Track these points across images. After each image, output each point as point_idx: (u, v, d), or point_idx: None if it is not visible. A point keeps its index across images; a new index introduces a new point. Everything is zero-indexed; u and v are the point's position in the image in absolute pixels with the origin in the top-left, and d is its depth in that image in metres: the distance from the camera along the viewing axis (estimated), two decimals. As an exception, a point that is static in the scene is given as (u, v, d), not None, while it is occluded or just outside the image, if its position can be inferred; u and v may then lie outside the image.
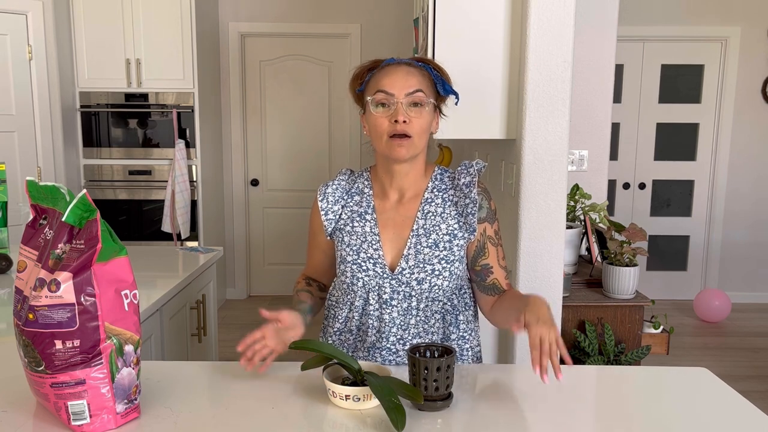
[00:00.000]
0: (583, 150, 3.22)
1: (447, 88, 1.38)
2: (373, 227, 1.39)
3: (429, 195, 1.40)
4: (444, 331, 1.42)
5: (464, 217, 1.38)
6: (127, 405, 1.08)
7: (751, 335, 4.38)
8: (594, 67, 3.15)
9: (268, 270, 5.13)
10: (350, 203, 1.43)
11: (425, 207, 1.39)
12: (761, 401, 3.30)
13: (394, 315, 1.37)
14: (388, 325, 1.37)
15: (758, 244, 5.06)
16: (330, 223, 1.43)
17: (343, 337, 1.44)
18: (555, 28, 2.05)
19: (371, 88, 1.35)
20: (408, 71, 1.33)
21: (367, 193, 1.43)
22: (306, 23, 4.79)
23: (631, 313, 2.51)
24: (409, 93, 1.30)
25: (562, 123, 2.09)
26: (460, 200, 1.39)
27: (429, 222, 1.38)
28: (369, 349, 1.39)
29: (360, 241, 1.39)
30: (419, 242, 1.37)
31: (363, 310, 1.40)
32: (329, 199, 1.44)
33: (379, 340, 1.38)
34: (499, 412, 1.17)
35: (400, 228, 1.39)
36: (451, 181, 1.42)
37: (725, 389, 1.27)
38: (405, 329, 1.38)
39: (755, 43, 4.80)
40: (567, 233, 2.57)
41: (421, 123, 1.32)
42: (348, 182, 1.46)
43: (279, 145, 4.99)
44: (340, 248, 1.42)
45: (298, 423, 1.11)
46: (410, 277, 1.36)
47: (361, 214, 1.41)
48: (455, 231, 1.38)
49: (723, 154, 4.94)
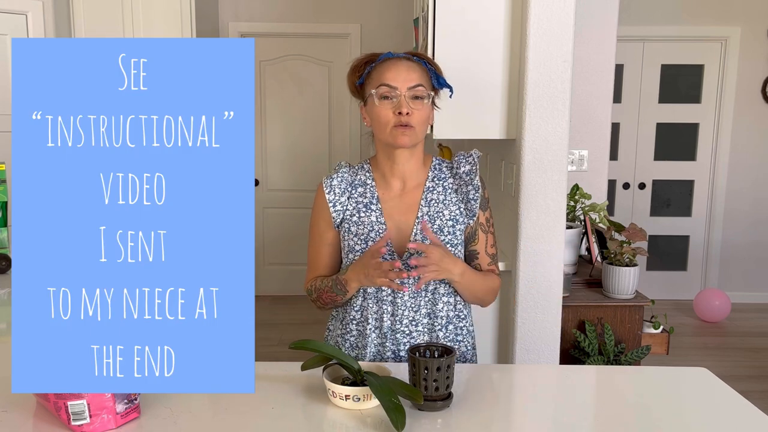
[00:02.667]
0: (583, 150, 3.22)
1: (441, 81, 1.46)
2: (379, 216, 1.45)
3: (430, 184, 1.47)
4: (451, 311, 1.47)
5: (465, 204, 1.46)
6: (127, 405, 1.08)
7: (751, 335, 4.38)
8: (594, 67, 3.15)
9: (268, 270, 5.13)
10: (354, 195, 1.47)
11: (428, 195, 1.46)
12: (761, 401, 3.29)
13: (405, 298, 1.43)
14: (400, 309, 1.43)
15: (758, 244, 5.06)
16: (338, 214, 1.47)
17: (361, 327, 1.47)
18: (555, 28, 2.05)
19: (374, 82, 1.41)
20: (409, 66, 1.40)
21: (370, 185, 1.48)
22: (306, 23, 4.79)
23: (631, 313, 2.51)
24: (411, 87, 1.38)
25: (562, 123, 2.09)
26: (461, 187, 1.47)
27: (432, 209, 1.45)
28: (386, 334, 1.44)
29: (367, 230, 1.44)
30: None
31: (376, 296, 1.44)
32: (336, 191, 1.47)
33: (394, 323, 1.43)
34: (499, 412, 1.17)
35: (404, 216, 1.45)
36: (449, 171, 1.50)
37: (725, 389, 1.27)
38: (416, 311, 1.43)
39: (755, 43, 4.80)
40: (567, 233, 2.57)
41: (422, 114, 1.40)
42: (350, 174, 1.50)
43: (279, 145, 4.99)
44: (347, 238, 1.46)
45: (298, 423, 1.11)
46: None
47: (366, 205, 1.46)
48: (457, 217, 1.46)
49: (723, 154, 4.94)
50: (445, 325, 1.46)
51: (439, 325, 1.45)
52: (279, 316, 4.67)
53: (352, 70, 1.47)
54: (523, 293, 2.18)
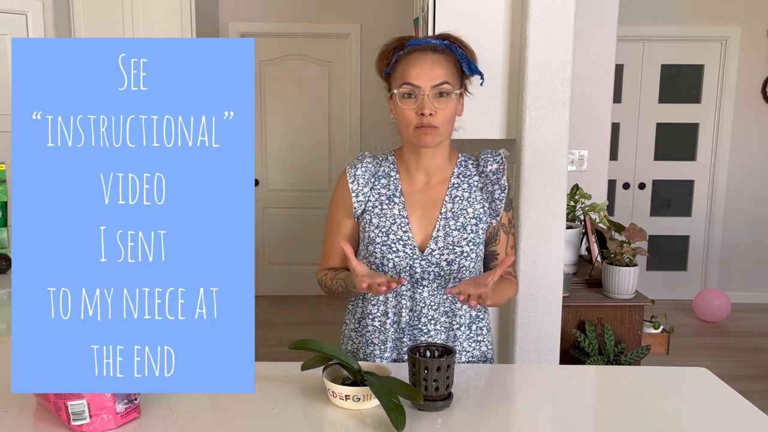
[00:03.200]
0: (583, 150, 3.22)
1: (472, 68, 1.41)
2: (402, 210, 1.42)
3: (456, 180, 1.45)
4: (470, 313, 1.46)
5: (490, 202, 1.44)
6: (127, 405, 1.08)
7: (751, 335, 4.38)
8: (594, 67, 3.15)
9: (268, 270, 5.13)
10: (377, 186, 1.45)
11: (452, 191, 1.44)
12: (761, 401, 3.29)
13: (425, 295, 1.42)
14: (419, 305, 1.42)
15: (758, 244, 5.06)
16: (360, 204, 1.44)
17: (378, 323, 1.45)
18: (555, 28, 2.05)
19: (397, 79, 1.36)
20: (434, 60, 1.34)
21: (394, 177, 1.45)
22: (306, 23, 4.79)
23: (631, 313, 2.51)
24: (435, 85, 1.33)
25: (562, 123, 2.09)
26: (487, 186, 1.44)
27: (456, 206, 1.43)
28: (404, 329, 1.42)
29: (389, 222, 1.41)
30: (447, 225, 1.41)
31: (396, 291, 1.42)
32: (359, 180, 1.44)
33: (412, 319, 1.42)
34: (499, 412, 1.17)
35: (428, 210, 1.43)
36: (475, 168, 1.47)
37: (725, 389, 1.27)
38: (435, 309, 1.42)
39: (755, 43, 4.80)
40: (567, 233, 2.57)
41: (446, 113, 1.35)
42: (374, 165, 1.47)
43: (279, 145, 4.99)
44: (368, 230, 1.43)
45: (298, 423, 1.11)
46: (440, 258, 1.40)
47: (389, 197, 1.43)
48: (480, 215, 1.43)
49: (723, 154, 4.93)
50: (467, 324, 1.45)
51: (458, 324, 1.44)
52: (279, 316, 4.66)
53: (380, 57, 1.42)
54: (523, 293, 2.18)
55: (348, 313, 1.55)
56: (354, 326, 1.51)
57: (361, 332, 1.48)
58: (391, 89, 1.39)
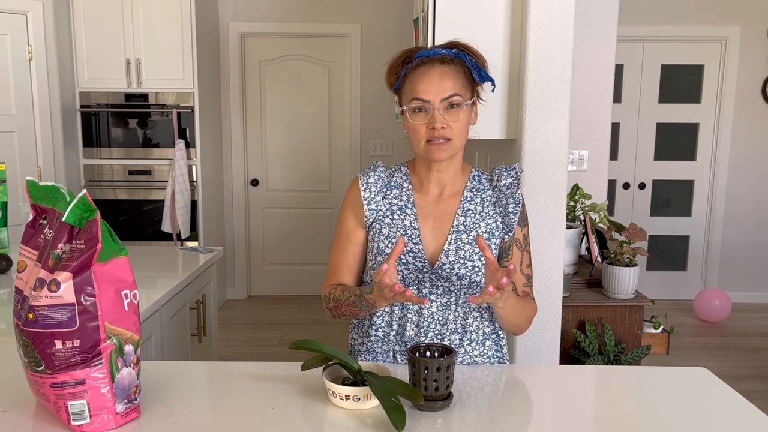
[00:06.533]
0: (583, 150, 3.22)
1: (483, 74, 1.38)
2: (414, 221, 1.40)
3: (468, 194, 1.42)
4: (483, 330, 1.43)
5: (503, 217, 1.41)
6: (127, 405, 1.08)
7: (751, 335, 4.38)
8: (594, 67, 3.15)
9: (268, 270, 5.13)
10: (389, 196, 1.43)
11: (465, 205, 1.41)
12: (761, 401, 3.29)
13: (433, 310, 1.38)
14: (426, 320, 1.38)
15: (758, 244, 5.06)
16: (372, 213, 1.42)
17: (381, 333, 1.42)
18: (555, 28, 2.05)
19: (407, 94, 1.34)
20: (443, 72, 1.32)
21: (406, 188, 1.43)
22: (306, 23, 4.79)
23: (631, 313, 2.51)
24: (445, 98, 1.31)
25: (562, 123, 2.09)
26: (500, 200, 1.42)
27: (469, 219, 1.40)
28: (407, 343, 1.39)
29: (400, 233, 1.39)
30: (459, 238, 1.38)
31: (402, 304, 1.38)
32: (372, 189, 1.42)
33: (417, 335, 1.38)
34: (499, 412, 1.17)
35: (439, 223, 1.40)
36: (488, 183, 1.44)
37: (725, 389, 1.27)
38: (443, 324, 1.39)
39: (755, 43, 4.80)
40: (567, 233, 2.57)
41: (459, 125, 1.33)
42: (387, 175, 1.45)
43: (279, 145, 4.99)
44: (378, 240, 1.40)
45: (298, 423, 1.11)
46: (450, 272, 1.37)
47: (401, 208, 1.41)
48: (493, 230, 1.40)
49: (723, 154, 4.94)
50: (482, 342, 1.41)
51: (468, 340, 1.40)
52: (279, 316, 4.67)
53: (388, 71, 1.40)
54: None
55: (353, 328, 1.51)
56: (361, 340, 1.47)
57: (366, 344, 1.44)
58: (401, 104, 1.37)
